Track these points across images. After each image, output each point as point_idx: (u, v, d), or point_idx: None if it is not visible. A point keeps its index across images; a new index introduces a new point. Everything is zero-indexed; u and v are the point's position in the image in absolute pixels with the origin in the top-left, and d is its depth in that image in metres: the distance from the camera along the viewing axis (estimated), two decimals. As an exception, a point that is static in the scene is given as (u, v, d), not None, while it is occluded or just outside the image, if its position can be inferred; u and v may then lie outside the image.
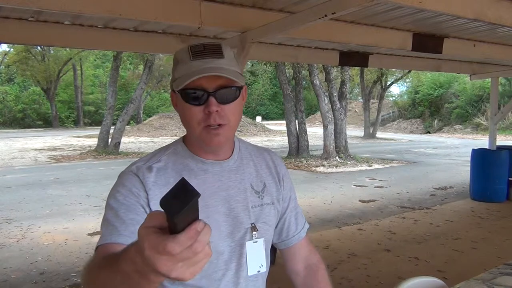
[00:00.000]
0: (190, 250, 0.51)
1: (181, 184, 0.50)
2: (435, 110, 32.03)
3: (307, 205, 7.12)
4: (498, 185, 7.23)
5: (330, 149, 13.77)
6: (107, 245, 0.86)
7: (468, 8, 2.91)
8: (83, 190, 8.58)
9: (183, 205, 0.48)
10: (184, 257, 0.51)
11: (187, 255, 0.51)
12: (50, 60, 33.68)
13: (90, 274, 0.75)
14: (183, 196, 0.49)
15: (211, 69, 0.90)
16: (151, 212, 0.55)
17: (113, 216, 0.90)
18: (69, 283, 3.90)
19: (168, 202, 0.48)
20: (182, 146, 1.03)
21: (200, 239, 0.51)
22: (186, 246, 0.50)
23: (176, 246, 0.50)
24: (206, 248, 0.52)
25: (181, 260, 0.51)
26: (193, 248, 0.51)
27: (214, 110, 0.91)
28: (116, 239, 0.86)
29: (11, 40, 4.43)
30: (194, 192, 0.49)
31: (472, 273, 2.00)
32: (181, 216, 0.48)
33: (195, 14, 3.20)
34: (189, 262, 0.52)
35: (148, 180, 0.94)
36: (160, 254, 0.51)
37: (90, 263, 0.79)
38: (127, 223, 0.88)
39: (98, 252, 0.86)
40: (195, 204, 0.50)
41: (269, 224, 1.08)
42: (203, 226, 0.51)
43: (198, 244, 0.51)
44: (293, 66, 14.74)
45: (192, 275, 0.53)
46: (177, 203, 0.48)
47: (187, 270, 0.52)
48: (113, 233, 0.87)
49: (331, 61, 6.22)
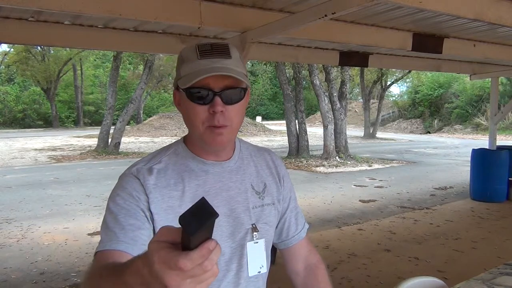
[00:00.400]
0: (200, 268, 0.51)
1: (201, 203, 0.51)
2: (435, 110, 32.03)
3: (307, 205, 7.12)
4: (498, 185, 7.23)
5: (330, 149, 13.77)
6: (106, 252, 0.85)
7: (468, 8, 2.91)
8: (83, 190, 8.58)
9: (201, 224, 0.49)
10: (193, 274, 0.52)
11: (197, 272, 0.51)
12: (50, 60, 33.69)
13: (91, 283, 0.75)
14: (202, 215, 0.50)
15: (219, 69, 0.89)
16: (163, 227, 0.55)
17: (113, 220, 0.90)
18: (69, 283, 3.90)
19: (187, 220, 0.50)
20: (183, 147, 1.02)
21: (211, 258, 0.52)
22: (198, 264, 0.51)
23: (188, 262, 0.50)
24: (214, 267, 0.53)
25: (190, 277, 0.52)
26: (204, 266, 0.51)
27: (219, 110, 0.90)
28: (115, 246, 0.85)
29: (11, 40, 4.43)
30: (213, 212, 0.50)
31: (472, 273, 2.00)
32: (198, 233, 0.50)
33: (195, 14, 3.21)
34: (197, 279, 0.52)
35: (149, 183, 0.94)
36: (170, 269, 0.51)
37: (90, 271, 0.79)
38: (127, 229, 0.88)
39: (97, 258, 0.86)
40: (212, 224, 0.51)
41: (269, 225, 1.08)
42: (215, 245, 0.52)
43: (208, 263, 0.52)
44: (293, 66, 14.74)
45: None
46: (195, 222, 0.49)
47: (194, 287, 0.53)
48: (112, 239, 0.87)
49: (331, 61, 6.23)
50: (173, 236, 0.53)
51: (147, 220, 0.91)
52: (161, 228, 0.55)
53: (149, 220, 0.92)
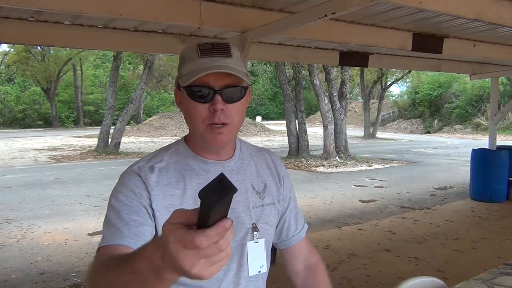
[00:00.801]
0: (215, 247, 0.51)
1: (220, 179, 0.51)
2: (435, 110, 32.03)
3: (307, 205, 7.12)
4: (498, 185, 7.23)
5: (330, 149, 13.77)
6: (110, 247, 0.85)
7: (468, 8, 2.91)
8: (83, 190, 8.58)
9: (220, 197, 0.49)
10: (208, 253, 0.51)
11: (212, 251, 0.51)
12: (50, 60, 33.69)
13: (97, 274, 0.74)
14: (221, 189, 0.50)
15: (219, 67, 0.90)
16: (177, 209, 0.56)
17: (115, 217, 0.90)
18: (69, 283, 3.89)
19: (206, 194, 0.50)
20: (184, 146, 1.03)
21: (226, 237, 0.52)
22: (213, 242, 0.51)
23: (205, 240, 0.50)
24: (228, 249, 0.53)
25: (205, 256, 0.52)
26: (219, 244, 0.51)
27: (220, 108, 0.91)
28: (119, 241, 0.85)
29: (11, 40, 4.43)
30: (232, 186, 0.51)
31: (472, 273, 2.00)
32: (216, 208, 0.50)
33: (195, 14, 3.21)
34: (211, 260, 0.52)
35: (150, 180, 0.94)
36: (185, 248, 0.51)
37: (95, 264, 0.79)
38: (130, 224, 0.88)
39: (100, 253, 0.85)
40: (230, 200, 0.52)
41: (270, 225, 1.08)
42: (230, 223, 0.52)
43: (223, 241, 0.52)
44: (293, 66, 14.73)
45: (210, 275, 0.53)
46: (215, 195, 0.49)
47: (207, 268, 0.53)
48: (116, 234, 0.87)
49: (331, 61, 6.23)
50: (188, 217, 0.53)
51: (149, 217, 0.91)
52: (175, 210, 0.56)
53: (151, 217, 0.92)
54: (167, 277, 0.56)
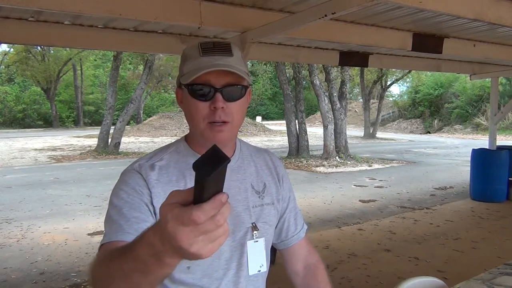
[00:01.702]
0: (212, 222, 0.51)
1: (212, 150, 0.52)
2: (435, 110, 32.04)
3: (307, 205, 7.12)
4: (498, 185, 7.23)
5: (330, 149, 13.77)
6: (112, 243, 0.85)
7: (468, 8, 2.91)
8: (83, 190, 8.58)
9: (214, 168, 0.50)
10: (206, 229, 0.52)
11: (209, 226, 0.52)
12: (50, 60, 33.69)
13: (99, 268, 0.75)
14: (215, 160, 0.50)
15: (220, 65, 0.90)
16: (172, 191, 0.56)
17: (117, 214, 0.90)
18: (69, 283, 3.90)
19: (200, 165, 0.50)
20: (184, 145, 1.03)
21: (222, 211, 0.52)
22: (210, 216, 0.51)
23: (202, 214, 0.50)
24: (225, 225, 0.53)
25: (203, 232, 0.52)
26: (216, 219, 0.51)
27: (220, 106, 0.92)
28: (121, 237, 0.85)
29: (11, 40, 4.43)
30: (225, 156, 0.51)
31: (472, 273, 2.00)
32: (211, 181, 0.50)
33: (195, 14, 3.21)
34: (209, 236, 0.52)
35: (151, 178, 0.95)
36: (183, 225, 0.51)
37: (96, 260, 0.79)
38: (131, 221, 0.88)
39: (103, 249, 0.85)
40: (224, 171, 0.52)
41: (269, 224, 1.08)
42: (226, 198, 0.53)
43: (220, 216, 0.52)
44: (293, 66, 14.73)
45: (210, 252, 0.53)
46: (209, 166, 0.50)
47: (206, 245, 0.53)
48: (118, 230, 0.87)
49: (331, 61, 6.22)
50: (184, 196, 0.54)
51: (150, 214, 0.92)
52: (171, 192, 0.56)
53: (152, 214, 0.92)
54: (167, 261, 0.57)
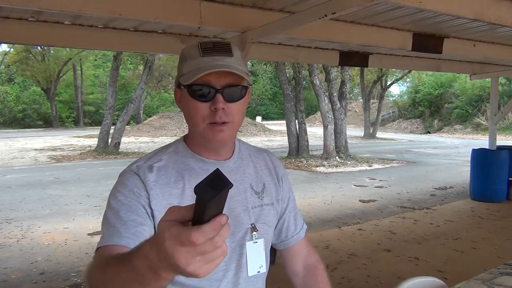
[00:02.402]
0: (211, 243, 0.51)
1: (215, 174, 0.51)
2: (435, 110, 32.04)
3: (307, 205, 7.12)
4: (498, 185, 7.23)
5: (330, 149, 13.77)
6: (108, 247, 0.85)
7: (468, 8, 2.91)
8: (83, 190, 8.58)
9: (216, 192, 0.49)
10: (204, 250, 0.51)
11: (208, 248, 0.51)
12: (50, 60, 33.69)
13: (96, 273, 0.74)
14: (217, 184, 0.50)
15: (221, 66, 0.90)
16: (172, 206, 0.55)
17: (114, 216, 0.90)
18: (69, 283, 3.89)
19: (202, 189, 0.50)
20: (183, 146, 1.03)
21: (221, 233, 0.51)
22: (209, 238, 0.50)
23: (201, 236, 0.50)
24: (223, 246, 0.53)
25: (200, 253, 0.51)
26: (214, 241, 0.51)
27: (221, 107, 0.91)
28: (118, 241, 0.85)
29: (11, 40, 4.43)
30: (228, 182, 0.50)
31: (472, 273, 2.00)
32: (212, 204, 0.50)
33: (195, 14, 3.21)
34: (207, 257, 0.52)
35: (149, 179, 0.94)
36: (181, 245, 0.51)
37: (94, 263, 0.79)
38: (128, 224, 0.88)
39: (99, 253, 0.85)
40: (225, 195, 0.51)
41: (269, 225, 1.08)
42: (226, 220, 0.52)
43: (219, 238, 0.51)
44: (293, 66, 14.73)
45: (206, 273, 0.53)
46: (211, 190, 0.49)
47: (203, 266, 0.52)
48: (114, 234, 0.87)
49: (331, 61, 6.23)
50: (183, 214, 0.53)
51: (148, 217, 0.91)
52: (170, 207, 0.55)
53: (150, 217, 0.92)
54: (163, 275, 0.56)
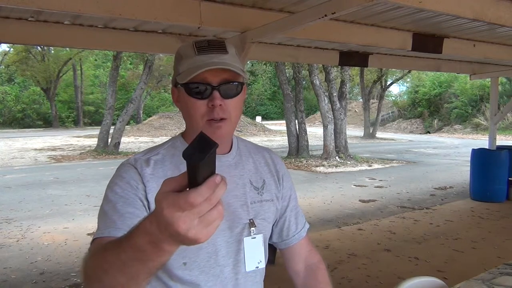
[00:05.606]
0: (208, 203, 0.53)
1: (200, 137, 0.54)
2: (435, 110, 32.04)
3: (307, 205, 7.12)
4: (498, 185, 7.23)
5: (330, 149, 13.77)
6: (104, 239, 0.85)
7: (468, 8, 2.91)
8: (83, 190, 8.58)
9: (204, 154, 0.51)
10: (201, 211, 0.53)
11: (205, 208, 0.53)
12: (50, 60, 33.64)
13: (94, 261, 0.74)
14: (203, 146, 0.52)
15: (216, 63, 0.91)
16: (166, 179, 0.57)
17: (111, 208, 0.90)
18: (69, 283, 3.90)
19: (190, 153, 0.52)
20: (181, 141, 1.04)
21: (217, 192, 0.53)
22: (206, 197, 0.52)
23: (198, 196, 0.52)
24: (219, 207, 0.54)
25: (199, 214, 0.53)
26: (211, 200, 0.53)
27: (218, 104, 0.93)
28: (114, 233, 0.85)
29: (11, 40, 4.43)
30: (212, 142, 0.53)
31: (472, 273, 2.00)
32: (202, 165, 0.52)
33: (195, 14, 3.21)
34: (205, 219, 0.54)
35: (146, 172, 0.95)
36: (179, 211, 0.52)
37: (89, 254, 0.78)
38: (125, 216, 0.88)
39: (95, 244, 0.85)
40: (214, 155, 0.53)
41: (267, 221, 1.08)
42: (220, 179, 0.54)
43: (213, 196, 0.53)
44: (293, 66, 14.73)
45: (207, 236, 0.55)
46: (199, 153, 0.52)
47: (203, 230, 0.54)
48: (110, 226, 0.87)
49: (331, 61, 6.23)
50: (178, 182, 0.55)
51: (145, 209, 0.92)
52: (164, 180, 0.57)
53: (146, 209, 0.92)
54: (165, 248, 0.58)
